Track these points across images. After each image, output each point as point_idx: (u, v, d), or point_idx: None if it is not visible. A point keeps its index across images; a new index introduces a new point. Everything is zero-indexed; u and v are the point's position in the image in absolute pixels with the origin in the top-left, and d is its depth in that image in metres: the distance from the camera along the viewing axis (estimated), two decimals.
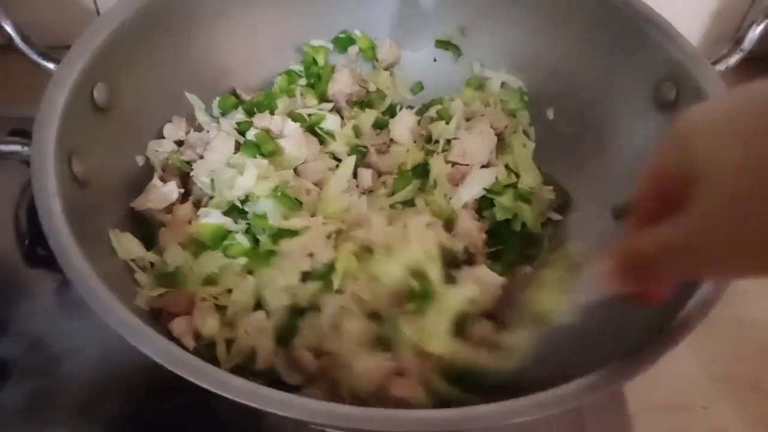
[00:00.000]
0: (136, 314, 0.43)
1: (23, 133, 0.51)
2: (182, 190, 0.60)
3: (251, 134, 0.63)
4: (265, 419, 0.59)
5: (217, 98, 0.68)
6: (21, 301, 0.64)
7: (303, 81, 0.72)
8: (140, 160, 0.61)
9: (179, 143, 0.64)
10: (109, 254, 0.53)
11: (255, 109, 0.67)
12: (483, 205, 0.66)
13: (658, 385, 0.62)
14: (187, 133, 0.64)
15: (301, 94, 0.70)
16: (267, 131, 0.63)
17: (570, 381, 0.41)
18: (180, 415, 0.58)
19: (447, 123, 0.68)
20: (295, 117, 0.66)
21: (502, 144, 0.69)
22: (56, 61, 0.52)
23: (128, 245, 0.54)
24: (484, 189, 0.65)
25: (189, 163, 0.63)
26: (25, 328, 0.62)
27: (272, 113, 0.66)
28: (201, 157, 0.62)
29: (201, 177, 0.61)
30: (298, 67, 0.73)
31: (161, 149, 0.62)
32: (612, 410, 0.61)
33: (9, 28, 0.52)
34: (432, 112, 0.72)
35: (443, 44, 0.75)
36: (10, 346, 0.61)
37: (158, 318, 0.53)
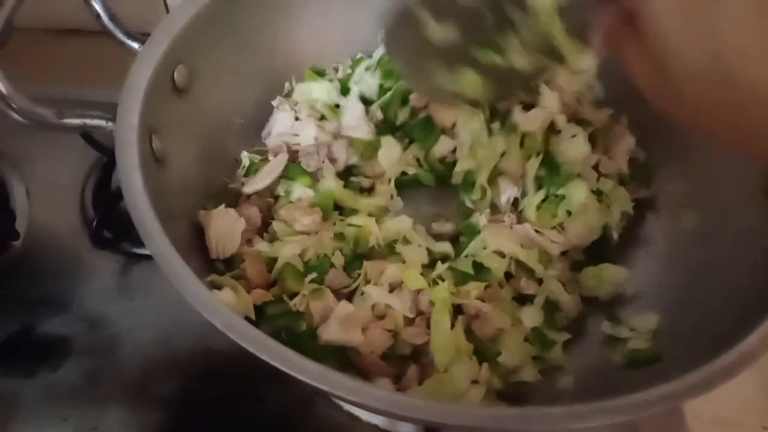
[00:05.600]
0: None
1: None
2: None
3: None
4: (314, 406, 0.60)
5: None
6: (84, 281, 0.66)
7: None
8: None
9: None
10: (187, 235, 0.54)
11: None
12: None
13: (715, 400, 0.61)
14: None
15: None
16: None
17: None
18: (231, 399, 0.59)
19: None
20: None
21: None
22: (141, 41, 0.54)
23: None
24: None
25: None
26: (87, 307, 0.64)
27: None
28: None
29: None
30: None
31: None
32: (667, 420, 0.60)
33: (98, 6, 0.54)
34: None
35: None
36: (71, 324, 0.63)
37: None
